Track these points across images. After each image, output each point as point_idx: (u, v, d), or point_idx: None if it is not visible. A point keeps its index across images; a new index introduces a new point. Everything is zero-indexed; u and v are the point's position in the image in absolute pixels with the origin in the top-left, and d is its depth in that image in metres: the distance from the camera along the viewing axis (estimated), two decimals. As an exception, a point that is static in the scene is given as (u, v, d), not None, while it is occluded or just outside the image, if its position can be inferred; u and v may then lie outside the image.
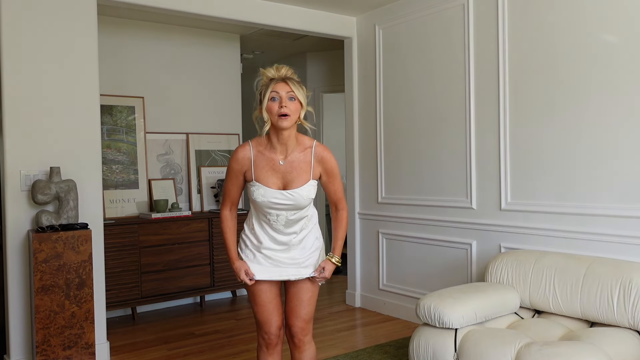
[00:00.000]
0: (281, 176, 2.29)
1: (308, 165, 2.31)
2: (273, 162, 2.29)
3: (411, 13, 4.26)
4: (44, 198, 3.19)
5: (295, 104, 2.22)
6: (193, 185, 5.13)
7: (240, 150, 2.32)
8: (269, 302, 2.40)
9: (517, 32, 3.51)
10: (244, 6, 4.20)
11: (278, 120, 2.19)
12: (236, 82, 5.49)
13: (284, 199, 2.28)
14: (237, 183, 2.36)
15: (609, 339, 2.59)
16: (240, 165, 2.32)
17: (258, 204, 2.31)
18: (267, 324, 2.41)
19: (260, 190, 2.27)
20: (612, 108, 3.05)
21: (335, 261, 2.44)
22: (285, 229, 2.35)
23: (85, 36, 3.52)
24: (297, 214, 2.34)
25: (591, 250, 3.12)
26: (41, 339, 3.01)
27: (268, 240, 2.36)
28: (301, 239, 2.39)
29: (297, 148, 2.31)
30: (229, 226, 2.43)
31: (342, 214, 2.47)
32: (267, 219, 2.33)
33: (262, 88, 2.25)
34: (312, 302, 2.45)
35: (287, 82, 2.22)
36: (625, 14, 2.99)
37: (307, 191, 2.30)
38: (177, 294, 4.66)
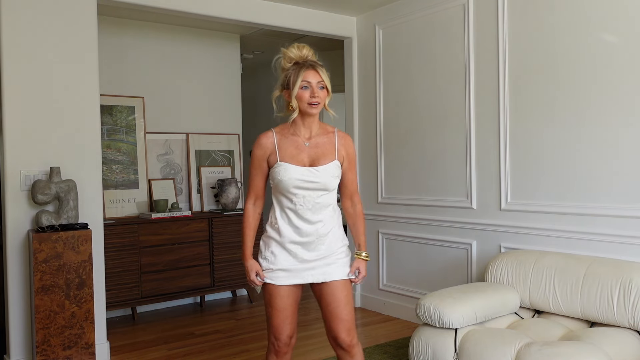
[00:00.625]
0: (307, 155, 2.25)
1: (333, 146, 2.29)
2: (297, 143, 2.27)
3: (411, 13, 4.26)
4: (44, 198, 3.19)
5: (324, 92, 2.24)
6: (193, 185, 5.13)
7: (262, 136, 2.30)
8: (286, 308, 2.29)
9: (517, 32, 3.51)
10: (244, 6, 4.20)
11: (308, 108, 2.22)
12: (236, 82, 5.49)
13: (311, 176, 2.22)
14: (261, 171, 2.30)
15: (609, 339, 2.59)
16: (263, 150, 2.28)
17: (284, 185, 2.21)
18: (278, 330, 2.30)
19: (287, 169, 2.21)
20: (612, 108, 3.05)
21: (365, 257, 2.37)
22: (312, 216, 2.24)
23: (86, 36, 3.52)
24: (323, 197, 2.25)
25: (591, 250, 3.12)
26: (41, 339, 3.01)
27: (292, 233, 2.26)
28: (327, 232, 2.27)
29: (320, 131, 2.31)
30: (249, 221, 2.36)
31: (359, 207, 2.42)
32: (293, 204, 2.24)
33: (290, 73, 2.23)
34: (350, 300, 2.31)
35: (317, 70, 2.21)
36: (625, 14, 2.99)
37: (333, 169, 2.25)
38: (177, 294, 4.66)
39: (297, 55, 2.26)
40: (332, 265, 2.28)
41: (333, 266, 2.28)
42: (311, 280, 2.28)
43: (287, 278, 2.26)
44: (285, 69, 2.27)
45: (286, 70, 2.26)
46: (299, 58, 2.26)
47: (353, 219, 2.43)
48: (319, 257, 2.27)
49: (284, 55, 2.28)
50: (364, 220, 2.44)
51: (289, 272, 2.27)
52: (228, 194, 5.01)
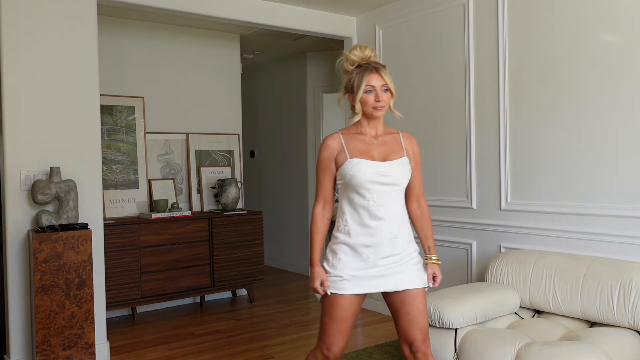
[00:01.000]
0: (377, 151, 2.22)
1: (400, 145, 2.27)
2: (365, 141, 2.24)
3: (411, 13, 4.26)
4: (44, 198, 3.19)
5: (388, 94, 2.22)
6: (193, 185, 5.13)
7: (328, 138, 2.28)
8: (346, 321, 2.20)
9: (517, 32, 3.51)
10: (244, 6, 4.20)
11: (373, 112, 2.20)
12: (236, 82, 5.49)
13: (385, 171, 2.17)
14: (330, 173, 2.25)
15: (609, 339, 2.59)
16: (330, 151, 2.24)
17: (357, 180, 2.15)
18: (332, 341, 2.20)
19: (360, 164, 2.16)
20: (612, 108, 3.05)
21: (436, 260, 2.31)
22: (385, 213, 2.17)
23: (85, 36, 3.52)
24: (395, 195, 2.20)
25: (591, 250, 3.12)
26: (41, 339, 3.01)
27: (364, 232, 2.17)
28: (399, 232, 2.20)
29: (385, 131, 2.29)
30: (318, 226, 2.27)
31: (427, 209, 2.36)
32: (366, 201, 2.16)
33: (354, 76, 2.21)
34: (426, 309, 2.24)
35: (380, 73, 2.19)
36: (625, 14, 2.99)
37: (404, 164, 2.22)
38: (177, 294, 4.66)
39: (359, 57, 2.23)
40: (408, 272, 2.20)
41: (408, 273, 2.20)
42: (383, 289, 2.19)
43: (354, 286, 2.17)
44: (348, 72, 2.25)
45: (349, 74, 2.24)
46: (362, 60, 2.23)
47: (420, 221, 2.35)
48: (392, 261, 2.18)
49: (345, 58, 2.25)
50: (431, 222, 2.38)
51: (357, 279, 2.17)
52: (228, 194, 5.01)
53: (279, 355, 3.66)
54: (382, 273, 2.17)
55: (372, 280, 2.17)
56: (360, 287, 2.17)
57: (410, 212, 2.34)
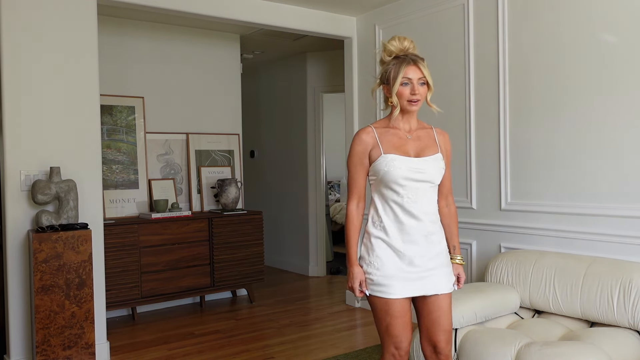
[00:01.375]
0: (411, 147, 2.16)
1: (433, 140, 2.22)
2: (399, 136, 2.18)
3: (411, 13, 4.26)
4: (44, 198, 3.19)
5: (425, 88, 2.15)
6: (193, 185, 5.13)
7: (361, 132, 2.20)
8: (405, 315, 2.14)
9: (517, 32, 3.51)
10: (244, 6, 4.20)
11: (408, 105, 2.14)
12: (236, 82, 5.49)
13: (419, 167, 2.12)
14: (363, 168, 2.18)
15: (609, 339, 2.59)
16: (364, 146, 2.16)
17: (391, 176, 2.10)
18: (400, 338, 2.15)
19: (394, 159, 2.10)
20: (612, 108, 3.05)
21: (460, 261, 2.28)
22: (419, 210, 2.12)
23: (86, 36, 3.52)
24: (430, 191, 2.16)
25: (591, 250, 3.12)
26: (41, 339, 3.01)
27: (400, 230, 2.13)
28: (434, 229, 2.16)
29: (419, 126, 2.24)
30: (353, 223, 2.21)
31: (454, 207, 2.32)
32: (400, 197, 2.11)
33: (391, 67, 2.15)
34: (451, 310, 2.21)
35: (418, 65, 2.12)
36: (625, 14, 2.99)
37: (439, 160, 2.17)
38: (177, 294, 4.66)
39: (397, 49, 2.16)
40: (440, 276, 2.16)
41: (440, 276, 2.16)
42: (423, 293, 2.14)
43: (400, 289, 2.11)
44: (385, 63, 2.19)
45: (386, 65, 2.18)
46: (400, 51, 2.16)
47: (448, 219, 2.29)
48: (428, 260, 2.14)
49: (383, 48, 2.18)
50: (457, 221, 2.34)
51: (400, 280, 2.11)
52: (228, 194, 5.01)
53: (279, 355, 3.66)
54: (421, 275, 2.13)
55: (415, 281, 2.12)
56: (406, 291, 2.12)
57: (439, 209, 2.27)
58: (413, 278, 2.12)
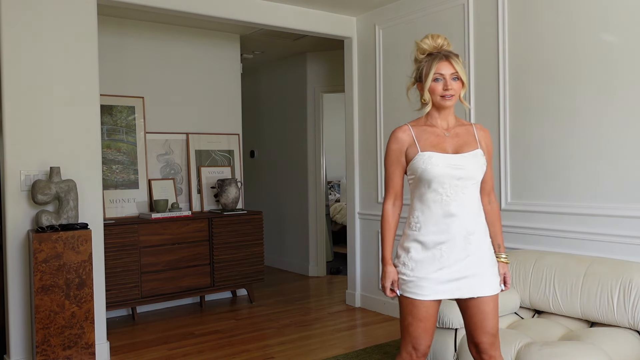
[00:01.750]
0: (449, 144, 2.12)
1: (473, 137, 2.16)
2: (436, 133, 2.13)
3: (411, 13, 4.26)
4: (44, 198, 3.19)
5: (458, 83, 2.11)
6: (193, 185, 5.13)
7: (397, 130, 2.17)
8: (429, 319, 2.11)
9: (517, 32, 3.51)
10: (244, 6, 4.20)
11: (441, 101, 2.10)
12: (236, 82, 5.49)
13: (458, 164, 2.07)
14: (400, 167, 2.15)
15: (609, 339, 2.59)
16: (400, 144, 2.14)
17: (429, 174, 2.06)
18: (419, 341, 2.13)
19: (432, 157, 2.06)
20: (612, 108, 3.05)
21: (505, 259, 2.21)
22: (458, 209, 2.07)
23: (85, 36, 3.52)
24: (470, 189, 2.09)
25: (591, 250, 3.12)
26: (41, 339, 3.01)
27: (437, 230, 2.08)
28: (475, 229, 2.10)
29: (457, 123, 2.19)
30: (389, 222, 2.18)
31: (496, 205, 2.26)
32: (438, 195, 2.07)
33: (423, 64, 2.13)
34: (497, 312, 2.13)
35: (450, 61, 2.09)
36: (625, 13, 2.99)
37: (479, 156, 2.11)
38: (177, 294, 4.66)
39: (430, 46, 2.14)
40: (482, 277, 2.09)
41: (483, 278, 2.09)
42: (458, 296, 2.09)
43: (432, 292, 2.07)
44: (418, 61, 2.17)
45: (419, 62, 2.16)
46: (433, 49, 2.13)
47: (491, 217, 2.23)
48: (468, 263, 2.07)
49: (417, 46, 2.17)
50: (501, 219, 2.28)
51: (433, 282, 2.07)
52: (228, 194, 5.01)
53: (279, 355, 3.66)
54: (458, 276, 2.07)
55: (449, 284, 2.07)
56: (437, 293, 2.08)
57: (484, 208, 2.22)
58: (448, 280, 2.07)
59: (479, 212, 2.14)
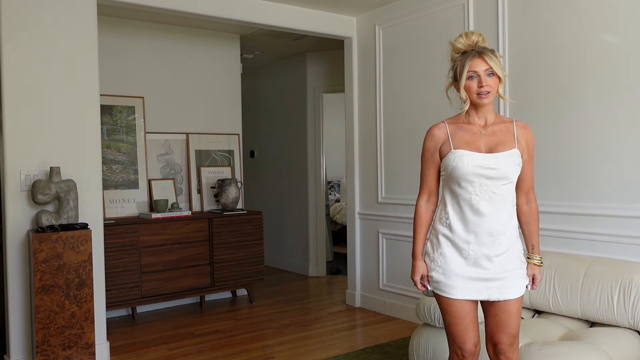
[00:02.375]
0: (483, 142, 2.10)
1: (512, 134, 2.12)
2: (472, 131, 2.12)
3: (411, 13, 4.26)
4: (44, 198, 3.19)
5: (494, 79, 2.08)
6: (193, 185, 5.13)
7: (434, 127, 2.18)
8: (466, 315, 2.09)
9: (517, 32, 3.51)
10: (244, 6, 4.20)
11: (477, 98, 2.08)
12: (236, 82, 5.49)
13: (489, 163, 2.05)
14: (434, 164, 2.16)
15: (609, 339, 2.59)
16: (435, 142, 2.15)
17: (459, 172, 2.05)
18: (462, 339, 2.10)
19: (463, 155, 2.06)
20: (612, 107, 3.05)
21: (538, 262, 2.17)
22: (488, 208, 2.05)
23: (85, 36, 3.52)
24: (502, 189, 2.06)
25: (591, 250, 3.12)
26: (41, 339, 3.01)
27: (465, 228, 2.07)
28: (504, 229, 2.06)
29: (496, 120, 2.15)
30: (421, 218, 2.20)
31: (535, 205, 2.20)
32: (468, 194, 2.06)
33: (457, 63, 2.11)
34: (520, 313, 2.12)
35: (484, 57, 2.05)
36: (625, 13, 2.99)
37: (514, 156, 2.07)
38: (177, 294, 4.66)
39: (464, 44, 2.11)
40: (510, 279, 2.07)
41: (511, 280, 2.07)
42: (486, 297, 2.07)
43: (462, 291, 2.07)
44: (453, 60, 2.15)
45: (454, 62, 2.14)
46: (467, 47, 2.11)
47: (527, 217, 2.19)
48: (496, 263, 2.06)
49: (452, 46, 2.15)
50: (539, 220, 2.22)
51: (462, 280, 2.07)
52: (228, 194, 5.01)
53: (279, 355, 3.66)
54: (487, 277, 2.06)
55: (477, 283, 2.06)
56: (467, 292, 2.07)
57: (518, 207, 2.19)
58: (477, 279, 2.06)
59: (511, 212, 2.11)
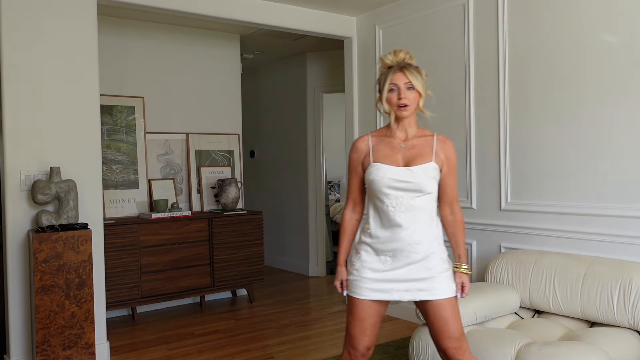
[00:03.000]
0: (402, 155, 2.20)
1: (430, 148, 2.22)
2: (392, 145, 2.23)
3: (411, 13, 4.26)
4: (44, 198, 3.19)
5: (414, 93, 2.18)
6: (193, 185, 5.13)
7: (358, 140, 2.31)
8: (367, 319, 2.20)
9: (517, 32, 3.51)
10: (244, 6, 4.20)
11: (397, 111, 2.19)
12: (236, 82, 5.49)
13: (405, 177, 2.14)
14: (357, 176, 2.29)
15: (609, 339, 2.59)
16: (358, 154, 2.27)
17: (376, 185, 2.16)
18: (356, 340, 2.21)
19: (380, 168, 2.17)
20: (612, 108, 3.05)
21: (465, 270, 2.25)
22: (405, 219, 2.13)
23: (86, 36, 3.52)
24: (418, 200, 2.15)
25: (591, 250, 3.12)
26: (41, 339, 3.01)
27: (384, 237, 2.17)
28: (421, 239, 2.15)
29: (417, 134, 2.25)
30: (345, 227, 2.33)
31: (460, 215, 2.30)
32: (385, 206, 2.16)
33: (382, 77, 2.24)
34: (457, 316, 2.19)
35: (405, 71, 2.17)
36: (625, 13, 2.99)
37: (430, 169, 2.17)
38: (177, 294, 4.66)
39: (392, 61, 2.23)
40: (431, 281, 2.16)
41: (432, 282, 2.16)
42: (397, 298, 2.18)
43: (372, 292, 2.17)
44: (380, 75, 2.27)
45: (379, 76, 2.26)
46: (395, 63, 2.22)
47: (452, 228, 2.30)
48: (414, 269, 2.15)
49: (380, 62, 2.27)
50: (464, 229, 2.32)
51: (375, 283, 2.17)
52: (228, 194, 5.01)
53: (279, 355, 3.66)
54: (403, 279, 2.15)
55: (392, 285, 2.16)
56: (377, 293, 2.17)
57: (443, 218, 2.30)
58: (390, 280, 2.16)
59: (429, 222, 2.19)
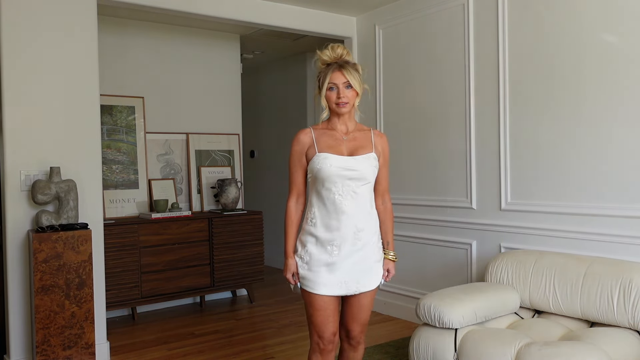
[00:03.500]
0: (345, 146, 2.30)
1: (369, 141, 2.35)
2: (335, 137, 2.33)
3: (411, 13, 4.26)
4: (44, 198, 3.19)
5: (352, 91, 2.29)
6: (193, 185, 5.13)
7: (300, 133, 2.37)
8: (327, 307, 2.30)
9: (517, 32, 3.51)
10: (244, 6, 4.20)
11: (336, 108, 2.30)
12: (236, 82, 5.49)
13: (351, 165, 2.25)
14: (301, 167, 2.36)
15: (609, 339, 2.59)
16: (301, 145, 2.34)
17: (323, 174, 2.24)
18: (321, 327, 2.31)
19: (327, 157, 2.25)
20: (612, 108, 3.05)
21: (392, 257, 2.41)
22: (350, 207, 2.24)
23: (86, 36, 3.51)
24: (362, 189, 2.27)
25: (591, 250, 3.12)
26: (41, 339, 3.01)
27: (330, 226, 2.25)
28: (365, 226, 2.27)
29: (357, 127, 2.38)
30: (291, 218, 2.37)
31: (389, 205, 2.44)
32: (332, 194, 2.24)
33: (321, 74, 2.31)
34: (371, 305, 2.39)
35: (343, 71, 2.26)
36: (625, 13, 2.99)
37: (372, 159, 2.29)
38: (177, 294, 4.66)
39: (330, 57, 2.31)
40: (367, 274, 2.31)
41: (368, 274, 2.32)
42: (344, 293, 2.29)
43: (327, 287, 2.26)
44: (319, 70, 2.34)
45: (319, 72, 2.34)
46: (332, 59, 2.31)
47: (383, 216, 2.42)
48: (357, 259, 2.27)
49: (318, 57, 2.34)
50: (393, 218, 2.47)
51: (329, 276, 2.26)
52: (228, 194, 5.01)
53: (279, 355, 3.66)
54: (347, 276, 2.27)
55: (340, 280, 2.26)
56: (332, 288, 2.27)
57: (376, 207, 2.41)
58: (339, 275, 2.26)
59: (370, 210, 2.32)
